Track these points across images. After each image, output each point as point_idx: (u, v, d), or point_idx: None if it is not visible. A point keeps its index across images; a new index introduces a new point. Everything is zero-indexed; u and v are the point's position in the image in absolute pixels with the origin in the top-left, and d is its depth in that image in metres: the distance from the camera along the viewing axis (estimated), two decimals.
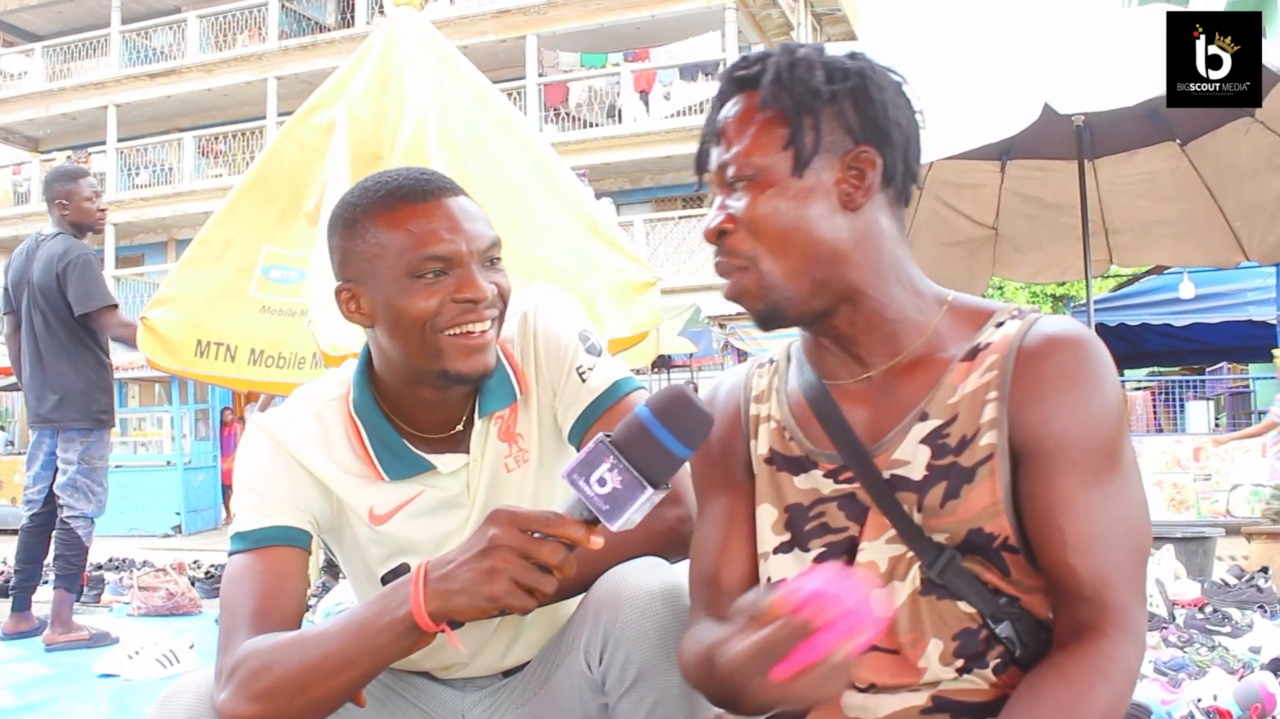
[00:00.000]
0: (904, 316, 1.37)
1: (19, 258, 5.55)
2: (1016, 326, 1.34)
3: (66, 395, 5.33)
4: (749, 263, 1.34)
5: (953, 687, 1.32)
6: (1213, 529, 6.91)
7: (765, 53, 1.37)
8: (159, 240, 25.66)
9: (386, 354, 1.62)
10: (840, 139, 1.33)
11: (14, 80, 26.78)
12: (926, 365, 1.36)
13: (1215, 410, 14.57)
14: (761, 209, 1.32)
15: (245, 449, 1.67)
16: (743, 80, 1.37)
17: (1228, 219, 6.21)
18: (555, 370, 1.71)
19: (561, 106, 21.65)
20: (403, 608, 1.31)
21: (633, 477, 1.23)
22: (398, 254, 1.53)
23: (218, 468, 16.85)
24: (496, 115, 5.02)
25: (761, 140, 1.33)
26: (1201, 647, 4.09)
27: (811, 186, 1.32)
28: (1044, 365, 1.29)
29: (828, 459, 1.40)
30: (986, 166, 6.41)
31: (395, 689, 1.78)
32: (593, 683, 1.60)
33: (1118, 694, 1.22)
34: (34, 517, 5.48)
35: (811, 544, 1.40)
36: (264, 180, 5.15)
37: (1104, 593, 1.25)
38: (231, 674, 1.40)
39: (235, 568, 1.56)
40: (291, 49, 23.62)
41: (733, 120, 1.36)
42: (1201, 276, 11.21)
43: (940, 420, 1.33)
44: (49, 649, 5.20)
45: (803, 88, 1.32)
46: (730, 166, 1.34)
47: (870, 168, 1.33)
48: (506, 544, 1.26)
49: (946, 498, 1.31)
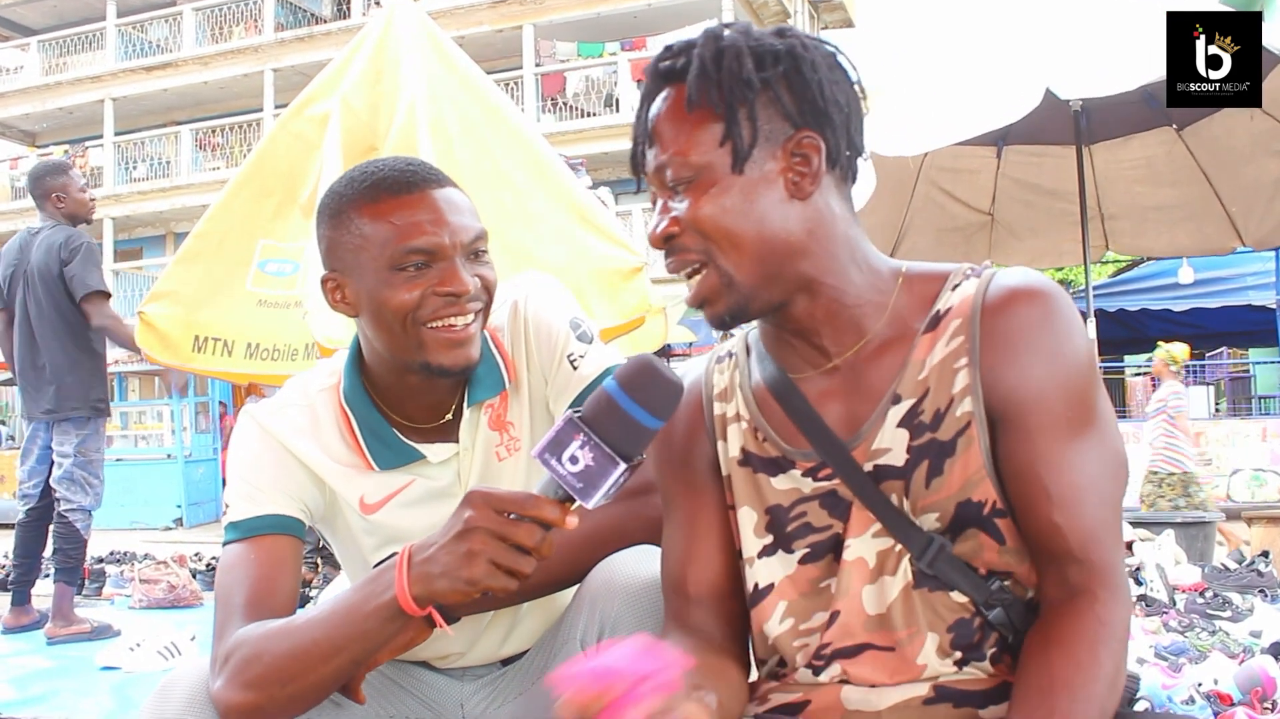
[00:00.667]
0: (863, 300, 1.33)
1: (11, 252, 5.51)
2: (974, 285, 1.31)
3: (63, 384, 5.29)
4: (702, 260, 1.29)
5: (954, 677, 1.30)
6: (1213, 514, 6.92)
7: (689, 42, 1.31)
8: (157, 234, 25.65)
9: (372, 344, 1.62)
10: (779, 126, 1.27)
11: (10, 75, 26.76)
12: (891, 345, 1.33)
13: (1215, 395, 14.57)
14: (706, 209, 1.27)
15: (237, 439, 1.67)
16: (668, 73, 1.31)
17: (1224, 204, 6.21)
18: (546, 358, 1.71)
19: (559, 96, 21.63)
20: (387, 592, 1.31)
21: (604, 453, 1.21)
22: (380, 246, 1.53)
23: (218, 461, 16.87)
24: (488, 104, 5.01)
25: (696, 139, 1.27)
26: (1202, 631, 4.09)
27: (755, 180, 1.27)
28: (1009, 322, 1.26)
29: (805, 457, 1.36)
30: (983, 152, 6.41)
31: (394, 679, 1.78)
32: None
33: (1118, 658, 1.22)
34: (30, 511, 5.46)
35: (795, 545, 1.37)
36: (259, 173, 5.14)
37: (1091, 550, 1.23)
38: (225, 662, 1.41)
39: (229, 557, 1.56)
40: (288, 41, 23.58)
41: (663, 119, 1.30)
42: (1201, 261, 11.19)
43: (913, 399, 1.30)
44: (50, 642, 5.19)
45: (732, 79, 1.26)
46: (667, 169, 1.29)
47: (815, 153, 1.28)
48: (482, 526, 1.24)
49: (930, 476, 1.28)
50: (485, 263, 1.59)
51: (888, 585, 1.31)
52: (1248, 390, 15.67)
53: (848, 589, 1.32)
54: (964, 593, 1.29)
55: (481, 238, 1.59)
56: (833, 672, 1.34)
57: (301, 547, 1.61)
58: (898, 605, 1.30)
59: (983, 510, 1.28)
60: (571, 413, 1.22)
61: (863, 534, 1.32)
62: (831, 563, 1.35)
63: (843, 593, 1.33)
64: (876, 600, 1.31)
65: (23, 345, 5.42)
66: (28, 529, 5.47)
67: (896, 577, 1.31)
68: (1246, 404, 15.01)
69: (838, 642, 1.33)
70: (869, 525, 1.32)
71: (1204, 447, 10.57)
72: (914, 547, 1.29)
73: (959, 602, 1.29)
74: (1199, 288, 11.79)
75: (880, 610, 1.31)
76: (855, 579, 1.32)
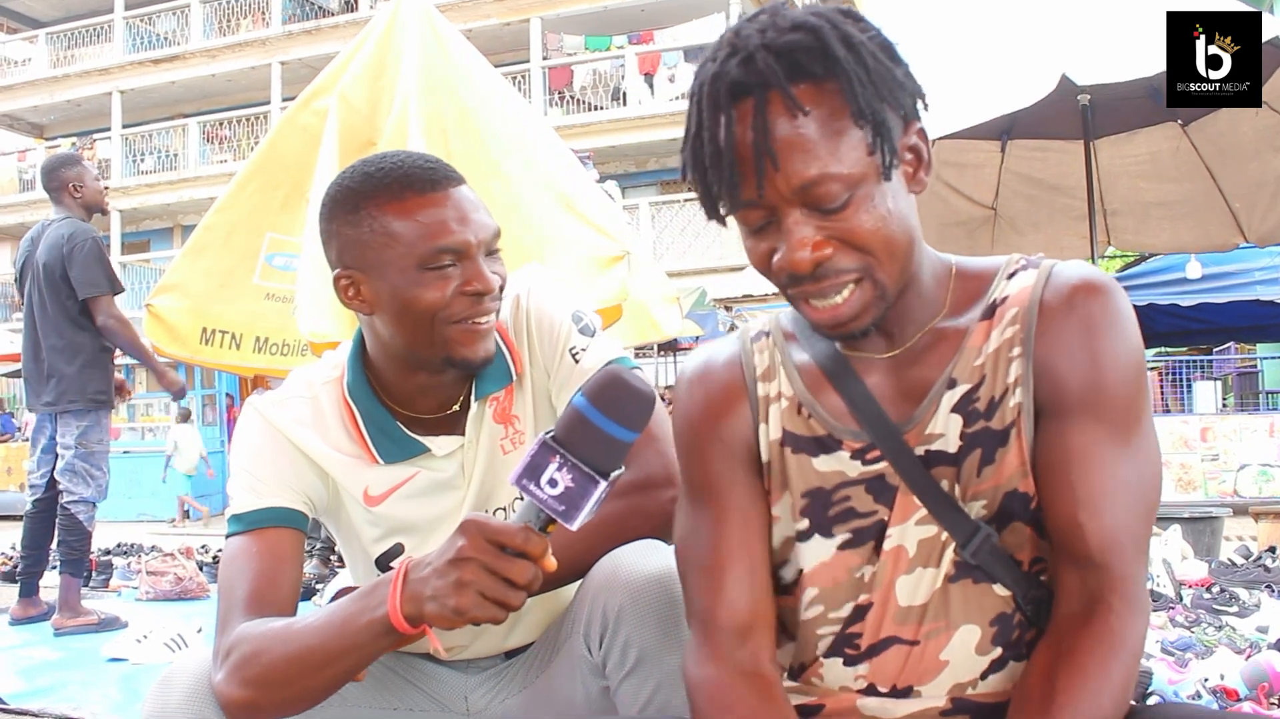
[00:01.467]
0: (930, 290, 1.31)
1: (25, 245, 5.54)
2: (1033, 276, 1.28)
3: (61, 377, 5.27)
4: (859, 276, 1.21)
5: (973, 690, 1.29)
6: (1220, 509, 6.91)
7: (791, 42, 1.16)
8: (164, 226, 25.68)
9: (384, 340, 1.62)
10: (895, 121, 1.20)
11: (18, 67, 26.76)
12: (947, 334, 1.30)
13: (1223, 390, 14.54)
14: (867, 224, 1.18)
15: (240, 431, 1.67)
16: (792, 71, 1.15)
17: (1227, 200, 6.19)
18: (549, 351, 1.71)
19: (566, 90, 21.60)
20: (380, 609, 1.30)
21: (582, 472, 1.19)
22: (409, 245, 1.52)
23: (224, 453, 16.89)
24: (483, 93, 5.02)
25: (843, 149, 1.16)
26: (1209, 626, 4.09)
27: (896, 182, 1.21)
28: (1068, 314, 1.23)
29: (853, 437, 1.32)
30: (986, 146, 6.39)
31: (397, 671, 1.79)
32: (593, 666, 1.61)
33: (1128, 672, 1.18)
34: (37, 502, 5.46)
35: (836, 530, 1.33)
36: (267, 167, 5.16)
37: (1111, 558, 1.20)
38: (226, 656, 1.42)
39: (231, 549, 1.57)
40: (295, 33, 23.57)
41: (793, 131, 1.15)
42: (1209, 256, 11.14)
43: (968, 385, 1.27)
44: (58, 633, 5.20)
45: (884, 81, 1.17)
46: (815, 187, 1.16)
47: (924, 142, 1.24)
48: (474, 558, 1.23)
49: (983, 464, 1.26)
50: (499, 260, 1.61)
51: (926, 577, 1.29)
52: (1255, 385, 15.62)
53: (882, 580, 1.30)
54: (1006, 586, 1.27)
55: (498, 236, 1.60)
56: (860, 669, 1.32)
57: (303, 539, 1.62)
58: (935, 599, 1.28)
59: (1029, 504, 1.26)
60: (545, 435, 1.21)
61: (906, 521, 1.29)
62: (872, 551, 1.31)
63: (877, 584, 1.31)
64: (911, 592, 1.29)
65: (28, 338, 5.44)
66: (35, 520, 5.46)
67: (938, 569, 1.28)
68: (1254, 399, 14.96)
69: (868, 635, 1.31)
70: (913, 512, 1.29)
71: (1211, 442, 10.54)
72: (959, 535, 1.27)
73: (1001, 595, 1.28)
74: (1207, 283, 11.73)
75: (914, 602, 1.29)
76: (891, 569, 1.30)
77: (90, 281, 5.21)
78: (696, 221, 18.64)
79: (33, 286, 5.37)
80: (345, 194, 1.59)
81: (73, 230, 5.29)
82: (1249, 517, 7.72)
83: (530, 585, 1.24)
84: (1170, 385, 13.61)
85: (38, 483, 5.46)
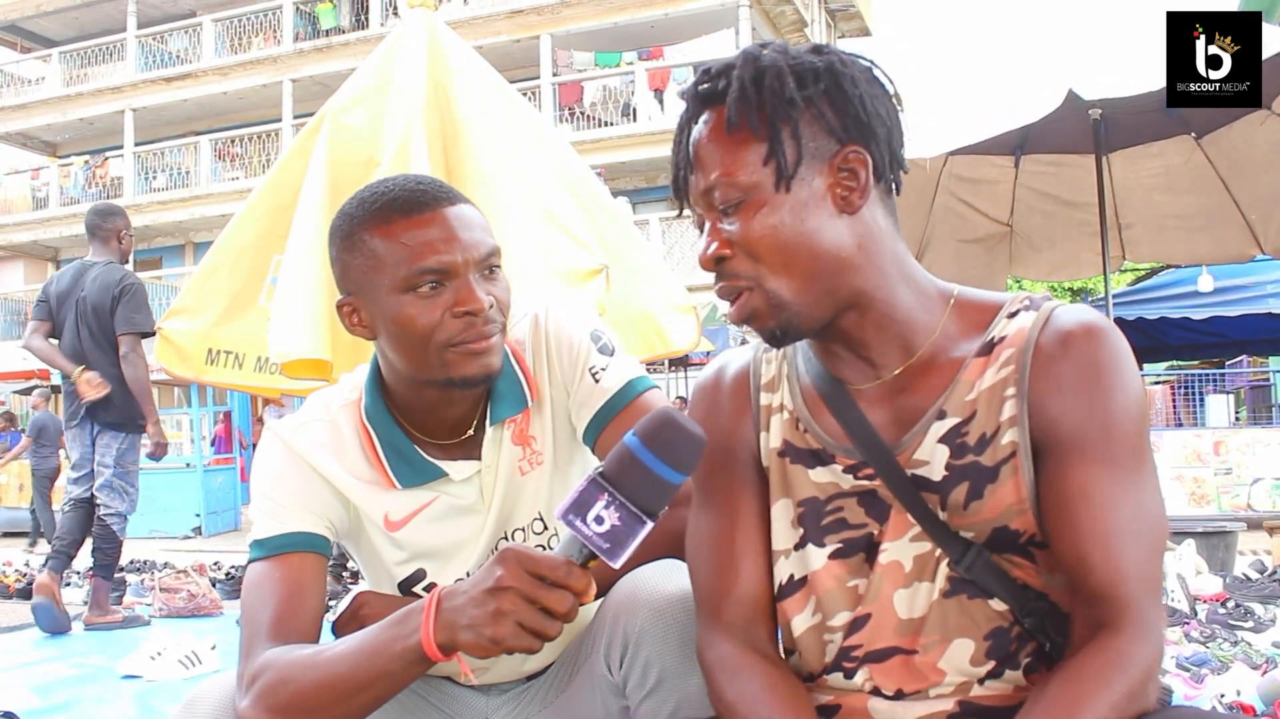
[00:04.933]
0: (912, 317, 1.33)
1: (65, 278, 6.09)
2: (1031, 318, 1.30)
3: (109, 400, 5.86)
4: (753, 283, 1.29)
5: (980, 692, 1.29)
6: (1234, 523, 6.88)
7: (727, 63, 1.31)
8: (176, 243, 25.79)
9: (391, 363, 1.62)
10: (824, 143, 1.27)
11: (31, 86, 26.94)
12: (940, 364, 1.33)
13: (1235, 404, 14.48)
14: (756, 230, 1.27)
15: (261, 456, 1.66)
16: (708, 96, 1.31)
17: (1243, 212, 6.19)
18: (568, 371, 1.70)
19: (576, 106, 21.68)
20: (413, 637, 1.30)
21: (630, 512, 1.19)
22: (393, 267, 1.51)
23: (237, 469, 16.91)
24: (481, 106, 5.05)
25: (741, 159, 1.27)
26: (1224, 642, 4.07)
27: (804, 198, 1.27)
28: (1062, 360, 1.25)
29: (846, 453, 1.36)
30: (1000, 162, 6.40)
31: (418, 692, 1.78)
32: (613, 686, 1.60)
33: (1131, 689, 1.16)
34: (71, 502, 6.03)
35: (827, 540, 1.36)
36: (275, 189, 5.21)
37: (1119, 589, 1.20)
38: (252, 683, 1.41)
39: (254, 576, 1.56)
40: (306, 51, 23.71)
41: (706, 142, 1.30)
42: (1220, 269, 11.13)
43: (958, 419, 1.30)
44: (88, 629, 5.84)
45: (774, 99, 1.26)
46: (714, 191, 1.29)
47: (862, 167, 1.28)
48: (513, 587, 1.22)
49: (970, 498, 1.28)
50: (499, 281, 1.58)
51: (922, 591, 1.31)
52: (1268, 399, 15.55)
53: (879, 592, 1.32)
54: (1003, 600, 1.28)
55: (495, 254, 1.58)
56: (863, 675, 1.34)
57: (326, 563, 1.61)
58: (933, 611, 1.30)
59: (1019, 539, 1.28)
60: (594, 472, 1.20)
61: (900, 538, 1.32)
62: (863, 562, 1.34)
63: (874, 596, 1.33)
64: (909, 605, 1.31)
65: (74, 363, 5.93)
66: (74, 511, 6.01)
67: (933, 582, 1.30)
68: (1267, 413, 14.89)
69: (868, 645, 1.33)
70: (908, 529, 1.32)
71: (1224, 455, 10.50)
72: (953, 551, 1.29)
73: (997, 609, 1.29)
74: (1219, 296, 11.71)
75: (912, 615, 1.31)
76: (888, 583, 1.32)
77: (130, 320, 5.86)
78: None
79: (79, 321, 5.92)
80: (342, 220, 1.59)
81: (124, 273, 6.02)
82: (1263, 531, 7.68)
83: (569, 616, 1.23)
84: (1182, 399, 13.55)
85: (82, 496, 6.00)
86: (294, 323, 4.33)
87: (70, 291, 5.98)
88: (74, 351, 5.93)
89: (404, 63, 4.95)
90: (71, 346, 5.95)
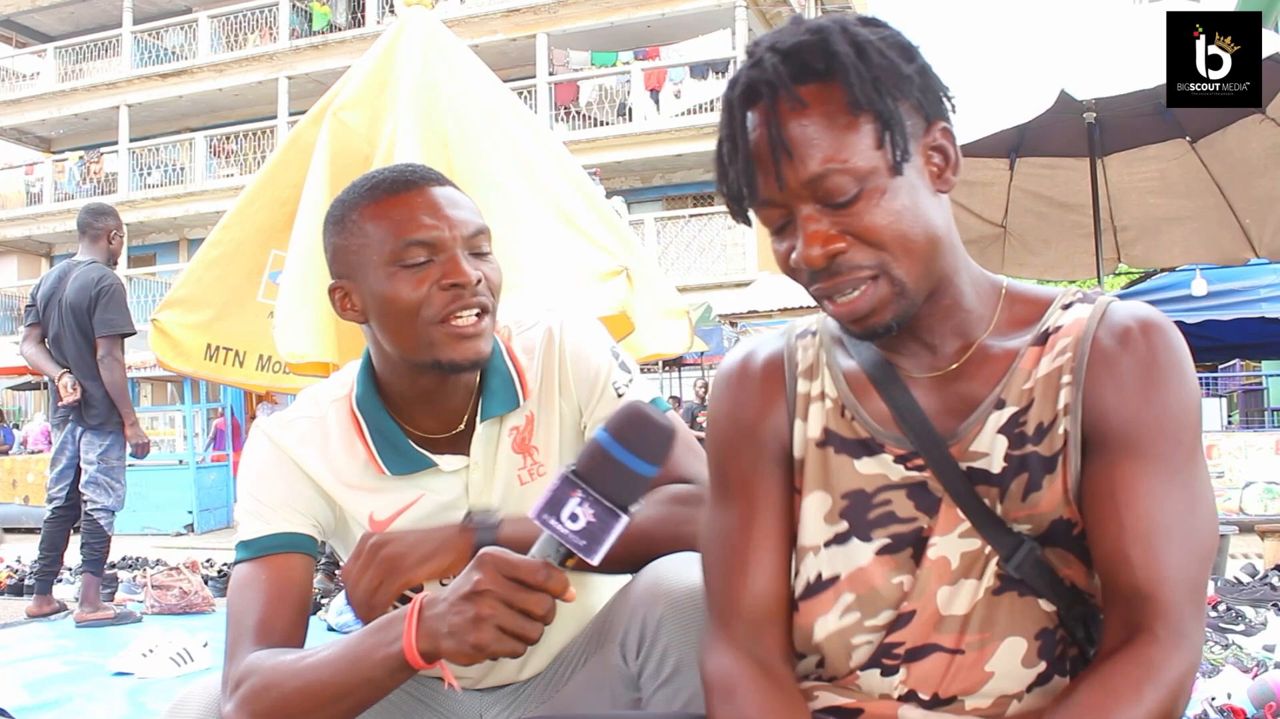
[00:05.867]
0: (973, 305, 1.30)
1: (52, 279, 6.19)
2: (1088, 310, 1.27)
3: (90, 401, 5.95)
4: (878, 272, 1.21)
5: (1016, 709, 1.26)
6: (1226, 527, 6.89)
7: (810, 40, 1.19)
8: (171, 240, 25.75)
9: (383, 349, 1.61)
10: (915, 121, 1.22)
11: (26, 81, 26.90)
12: (994, 354, 1.29)
13: (1228, 408, 14.51)
14: (881, 217, 1.19)
15: (248, 454, 1.66)
16: (798, 75, 1.18)
17: (1237, 216, 6.19)
18: (585, 387, 1.70)
19: (572, 105, 21.67)
20: (395, 644, 1.29)
21: (604, 507, 1.18)
22: (381, 243, 1.53)
23: (230, 466, 16.87)
24: (485, 107, 5.03)
25: (853, 143, 1.17)
26: (1215, 645, 4.08)
27: (912, 180, 1.21)
28: (1121, 353, 1.23)
29: (896, 443, 1.31)
30: (995, 164, 6.40)
31: (411, 692, 1.77)
32: (627, 677, 1.59)
33: (1163, 704, 1.12)
34: (55, 510, 6.13)
35: (874, 534, 1.31)
36: (272, 183, 5.17)
37: (1159, 591, 1.16)
38: (236, 687, 1.40)
39: (239, 577, 1.55)
40: (302, 48, 23.68)
41: (803, 127, 1.18)
42: (1214, 273, 11.14)
43: (1016, 407, 1.26)
44: (79, 626, 5.86)
45: (889, 76, 1.18)
46: (825, 180, 1.18)
47: (950, 143, 1.25)
48: (492, 590, 1.21)
49: (1029, 490, 1.25)
50: (489, 261, 1.59)
51: (967, 588, 1.27)
52: (1261, 403, 15.60)
53: (925, 589, 1.29)
54: (1051, 601, 1.26)
55: (483, 233, 1.59)
56: (900, 675, 1.30)
57: (313, 563, 1.60)
58: (978, 609, 1.27)
59: (1073, 530, 1.25)
60: (566, 470, 1.20)
61: (949, 533, 1.28)
62: (909, 558, 1.30)
63: (919, 592, 1.29)
64: (953, 602, 1.28)
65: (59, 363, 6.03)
66: (54, 525, 6.15)
67: (980, 580, 1.27)
68: (1259, 417, 14.94)
69: (910, 642, 1.29)
70: (957, 524, 1.28)
71: (1216, 459, 10.52)
72: (1002, 549, 1.25)
73: (1046, 610, 1.26)
74: (1212, 299, 11.72)
75: (957, 613, 1.27)
76: (935, 579, 1.28)
77: (109, 322, 5.91)
78: (702, 237, 18.67)
79: (61, 323, 6.00)
80: (336, 206, 1.62)
81: (102, 274, 6.03)
82: (1255, 534, 7.69)
83: (548, 618, 1.22)
84: None
85: (57, 495, 6.12)
86: (303, 324, 4.31)
87: (55, 292, 6.07)
88: (59, 351, 6.03)
89: (402, 61, 4.93)
90: (56, 347, 6.04)
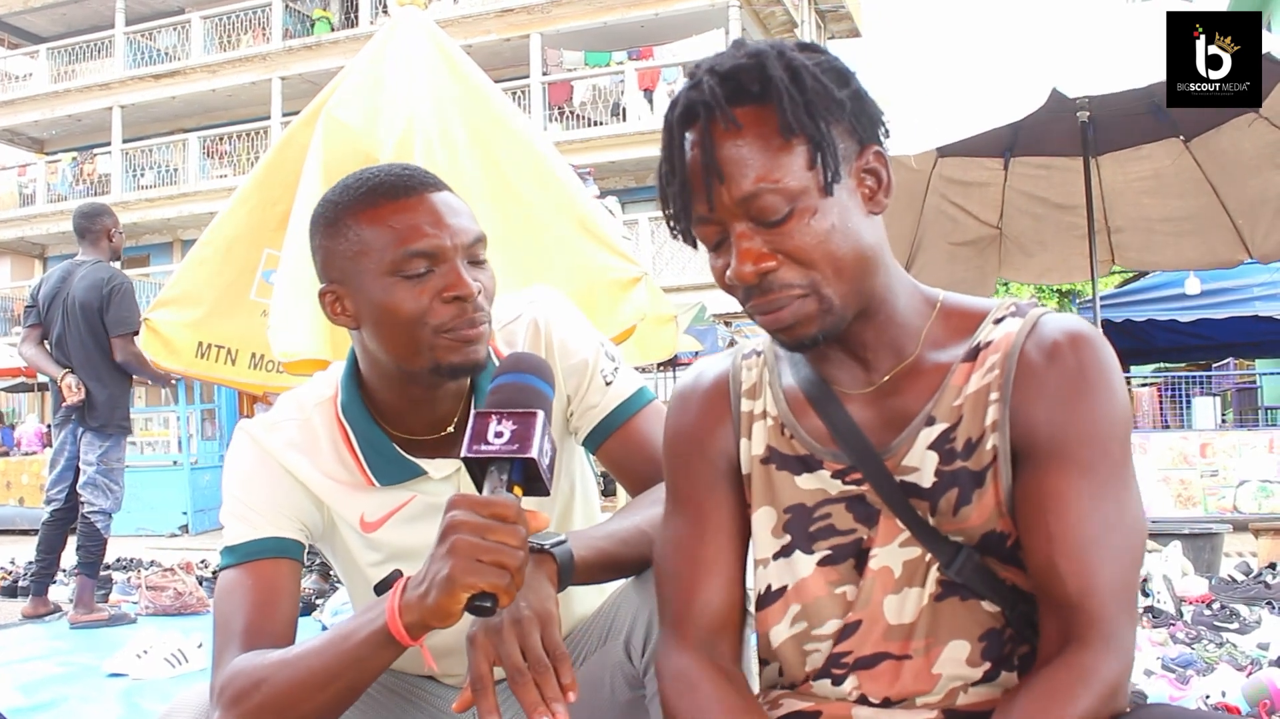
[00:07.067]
0: (907, 321, 1.32)
1: (54, 279, 6.16)
2: (1018, 325, 1.29)
3: (93, 403, 5.95)
4: (807, 290, 1.23)
5: (965, 700, 1.29)
6: (1220, 525, 6.91)
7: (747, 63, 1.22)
8: (164, 241, 25.70)
9: (374, 355, 1.58)
10: (848, 144, 1.24)
11: (19, 82, 26.84)
12: (927, 369, 1.32)
13: (1222, 406, 14.53)
14: (810, 237, 1.21)
15: (232, 457, 1.63)
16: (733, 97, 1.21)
17: (1231, 217, 6.19)
18: (574, 378, 1.70)
19: (566, 105, 21.67)
20: (378, 620, 1.30)
21: (519, 414, 1.29)
22: (380, 251, 1.49)
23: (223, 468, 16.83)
24: (493, 113, 5.01)
25: (785, 164, 1.20)
26: (1209, 643, 4.09)
27: (843, 200, 1.23)
28: (1047, 367, 1.24)
29: (834, 458, 1.34)
30: (990, 164, 6.40)
31: (399, 692, 1.76)
32: (630, 675, 1.59)
33: (1096, 707, 1.15)
34: (54, 512, 6.11)
35: (816, 546, 1.35)
36: (266, 183, 5.17)
37: (1089, 601, 1.18)
38: (222, 693, 1.39)
39: (225, 583, 1.53)
40: (295, 49, 23.65)
41: (738, 147, 1.20)
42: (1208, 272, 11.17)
43: (946, 424, 1.29)
44: (74, 627, 5.86)
45: (821, 100, 1.21)
46: (756, 199, 1.20)
47: (883, 166, 1.27)
48: (463, 521, 1.23)
49: (959, 504, 1.27)
50: (484, 269, 1.57)
51: (912, 596, 1.30)
52: (1255, 401, 15.61)
53: (869, 598, 1.32)
54: (994, 603, 1.28)
55: (480, 241, 1.56)
56: (851, 683, 1.33)
57: (299, 568, 1.58)
58: (924, 615, 1.29)
59: (1006, 542, 1.27)
60: (474, 412, 1.32)
61: (890, 543, 1.31)
62: (852, 569, 1.33)
63: (864, 602, 1.32)
64: (899, 610, 1.31)
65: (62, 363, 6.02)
66: (51, 529, 6.13)
67: (923, 588, 1.30)
68: (1253, 415, 14.95)
69: (858, 651, 1.32)
70: (897, 534, 1.31)
71: (1210, 457, 10.53)
72: (942, 556, 1.28)
73: (990, 611, 1.29)
74: (1206, 298, 11.75)
75: (903, 620, 1.30)
76: (879, 589, 1.31)
77: (124, 320, 5.93)
78: None
79: (66, 322, 5.99)
80: (326, 207, 1.57)
81: (112, 274, 6.06)
82: (1249, 533, 7.71)
83: (522, 546, 1.24)
84: (1169, 401, 13.60)
85: (56, 497, 6.11)
86: (298, 322, 4.30)
87: (58, 291, 6.04)
88: (61, 351, 6.00)
89: (396, 61, 4.92)
90: (58, 348, 6.02)
